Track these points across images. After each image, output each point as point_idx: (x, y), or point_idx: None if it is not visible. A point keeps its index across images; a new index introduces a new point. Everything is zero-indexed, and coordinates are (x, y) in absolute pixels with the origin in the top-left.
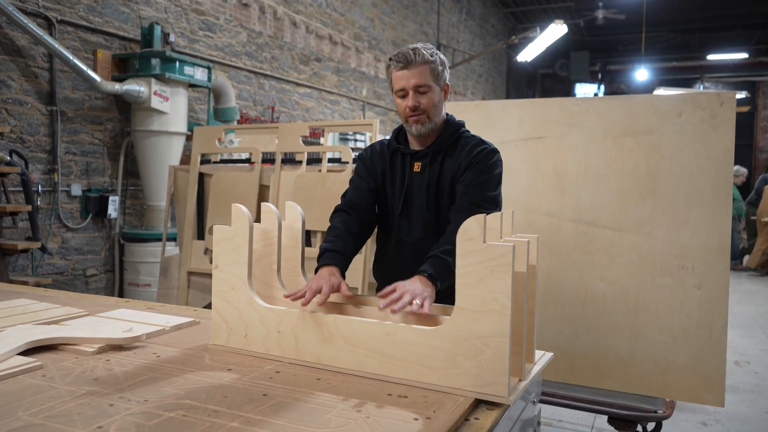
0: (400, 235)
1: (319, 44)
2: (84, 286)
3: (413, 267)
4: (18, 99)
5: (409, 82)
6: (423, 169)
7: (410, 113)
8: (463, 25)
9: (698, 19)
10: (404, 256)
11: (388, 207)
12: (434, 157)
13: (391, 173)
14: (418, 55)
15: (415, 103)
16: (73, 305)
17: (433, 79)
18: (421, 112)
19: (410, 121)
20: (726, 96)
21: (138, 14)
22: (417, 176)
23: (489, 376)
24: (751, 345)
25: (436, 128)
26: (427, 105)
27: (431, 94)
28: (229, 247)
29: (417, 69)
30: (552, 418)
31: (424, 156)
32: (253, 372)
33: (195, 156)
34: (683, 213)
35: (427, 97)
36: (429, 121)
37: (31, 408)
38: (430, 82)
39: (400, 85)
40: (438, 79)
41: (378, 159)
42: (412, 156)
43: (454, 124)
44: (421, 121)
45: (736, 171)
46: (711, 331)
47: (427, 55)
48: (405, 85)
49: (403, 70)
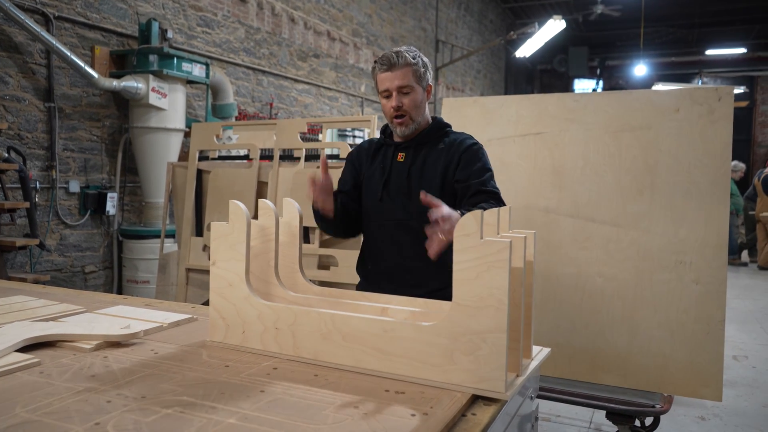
0: (380, 219)
1: (317, 40)
2: (82, 283)
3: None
4: (15, 95)
5: (392, 84)
6: (406, 158)
7: (394, 113)
8: (462, 21)
9: (697, 14)
10: (383, 238)
11: (370, 195)
12: (418, 149)
13: (374, 164)
14: (401, 58)
15: (398, 103)
16: (71, 302)
17: (416, 80)
18: (404, 113)
19: (395, 123)
20: (724, 91)
21: (135, 10)
22: (399, 164)
23: (486, 371)
24: (749, 339)
25: (420, 127)
26: (409, 105)
27: (414, 94)
28: (227, 243)
29: (400, 71)
30: (550, 413)
31: (408, 147)
32: (250, 368)
33: (193, 152)
34: (681, 208)
35: (409, 98)
36: (412, 122)
37: (29, 405)
38: (413, 84)
39: (384, 86)
40: (420, 80)
41: (363, 153)
42: (396, 147)
43: (441, 122)
44: (405, 123)
45: (734, 166)
46: (709, 326)
47: (409, 57)
48: (389, 86)
49: (387, 72)
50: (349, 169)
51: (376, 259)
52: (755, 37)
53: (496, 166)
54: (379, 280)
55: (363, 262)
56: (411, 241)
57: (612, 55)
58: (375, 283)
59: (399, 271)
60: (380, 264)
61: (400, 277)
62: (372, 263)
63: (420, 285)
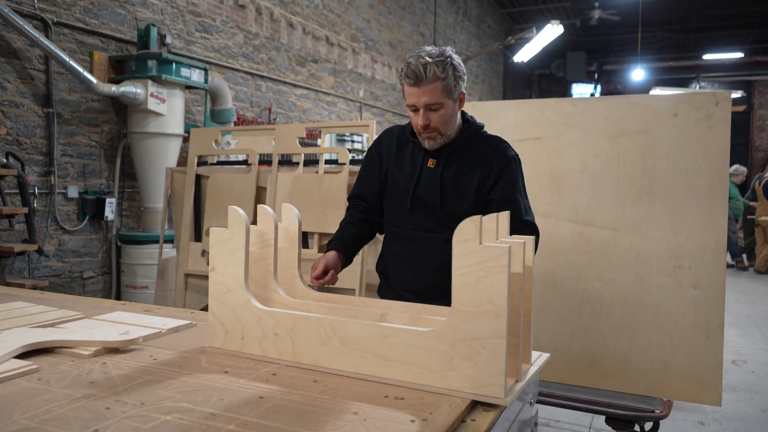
0: (407, 228)
1: (315, 45)
2: (81, 289)
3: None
4: (14, 101)
5: (420, 100)
6: (437, 165)
7: (422, 129)
8: (460, 26)
9: (694, 18)
10: (408, 247)
11: (397, 202)
12: (450, 156)
13: (400, 162)
14: (428, 72)
15: (426, 121)
16: (69, 308)
17: (446, 95)
18: (432, 130)
19: (423, 136)
20: (721, 96)
21: (134, 16)
22: (430, 171)
23: (486, 377)
24: (748, 344)
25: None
26: (438, 122)
27: (443, 110)
28: (226, 249)
29: (428, 87)
30: (549, 419)
31: (439, 154)
32: (249, 374)
33: (192, 158)
34: (679, 213)
35: (438, 114)
36: (441, 136)
37: (27, 411)
38: (442, 99)
39: (411, 101)
40: (451, 93)
41: (384, 145)
42: (426, 151)
43: (474, 125)
44: (433, 137)
45: (735, 170)
46: (708, 331)
47: (438, 71)
48: (416, 102)
49: (414, 87)
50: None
51: (398, 266)
52: (752, 42)
53: None
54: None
55: (384, 267)
56: (437, 253)
57: (610, 60)
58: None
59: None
60: (403, 272)
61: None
62: (394, 270)
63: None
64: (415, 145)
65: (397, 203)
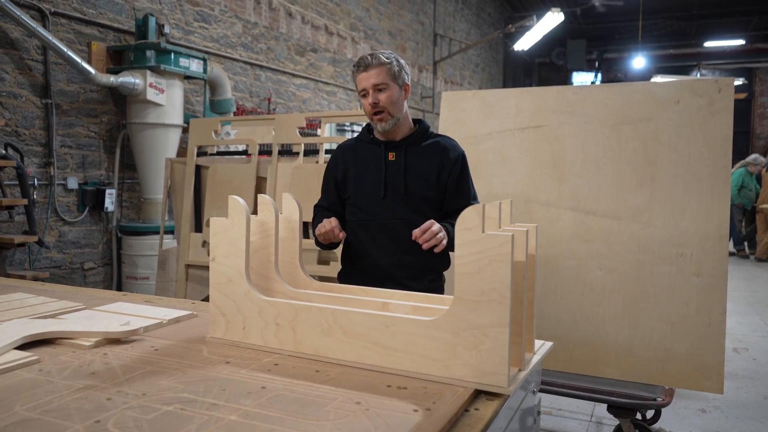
0: (382, 218)
1: (315, 35)
2: (82, 280)
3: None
4: (12, 92)
5: (368, 82)
6: (397, 157)
7: (372, 111)
8: (460, 15)
9: (695, 5)
10: (383, 236)
11: (366, 194)
12: (407, 149)
13: (362, 163)
14: (375, 59)
15: (375, 99)
16: (70, 299)
17: (390, 78)
18: (382, 109)
19: (375, 120)
20: (724, 83)
21: (132, 6)
22: (393, 163)
23: (489, 366)
24: (750, 331)
25: (401, 124)
26: (385, 102)
27: (389, 91)
28: (227, 239)
29: (375, 70)
30: (551, 407)
31: (398, 147)
32: (251, 365)
33: (191, 148)
34: (681, 201)
35: (385, 94)
36: (391, 117)
37: (28, 403)
38: (388, 81)
39: (362, 85)
40: (395, 78)
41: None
42: (386, 146)
43: (425, 125)
44: (384, 119)
45: (755, 159)
46: (709, 319)
47: (383, 57)
48: (365, 85)
49: (363, 72)
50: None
51: (374, 255)
52: (754, 29)
53: (496, 160)
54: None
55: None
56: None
57: (610, 48)
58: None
59: (398, 267)
60: (380, 261)
61: (400, 273)
62: (368, 260)
63: (417, 278)
64: (372, 142)
65: (368, 195)
